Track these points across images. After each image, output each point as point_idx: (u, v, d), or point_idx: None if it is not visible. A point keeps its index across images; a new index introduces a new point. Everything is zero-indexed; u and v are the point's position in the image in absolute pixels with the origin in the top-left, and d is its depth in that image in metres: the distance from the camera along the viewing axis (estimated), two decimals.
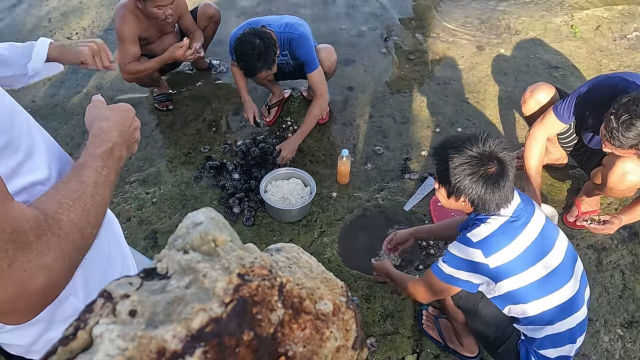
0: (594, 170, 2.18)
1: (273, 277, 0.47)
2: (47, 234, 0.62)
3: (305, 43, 2.54)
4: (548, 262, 1.49)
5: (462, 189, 1.46)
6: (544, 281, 1.49)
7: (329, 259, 2.28)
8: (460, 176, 1.45)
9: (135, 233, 2.41)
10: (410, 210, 2.49)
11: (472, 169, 1.44)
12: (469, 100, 3.12)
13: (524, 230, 1.48)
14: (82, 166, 0.75)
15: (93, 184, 0.72)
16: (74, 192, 0.69)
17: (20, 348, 0.87)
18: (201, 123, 3.00)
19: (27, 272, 0.59)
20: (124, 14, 2.58)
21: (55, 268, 0.62)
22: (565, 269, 1.52)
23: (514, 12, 3.87)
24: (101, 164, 0.76)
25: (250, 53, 2.35)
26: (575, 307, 1.54)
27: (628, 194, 2.09)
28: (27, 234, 0.59)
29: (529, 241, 1.47)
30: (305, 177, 2.50)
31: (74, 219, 0.66)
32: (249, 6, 3.98)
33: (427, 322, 2.02)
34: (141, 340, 0.38)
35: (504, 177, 1.44)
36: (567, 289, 1.51)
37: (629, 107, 1.70)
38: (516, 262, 1.46)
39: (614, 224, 2.03)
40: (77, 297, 0.86)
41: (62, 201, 0.67)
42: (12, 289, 0.58)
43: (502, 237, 1.46)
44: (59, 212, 0.65)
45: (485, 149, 1.45)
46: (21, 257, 0.59)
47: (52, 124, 2.99)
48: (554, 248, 1.51)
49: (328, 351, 0.51)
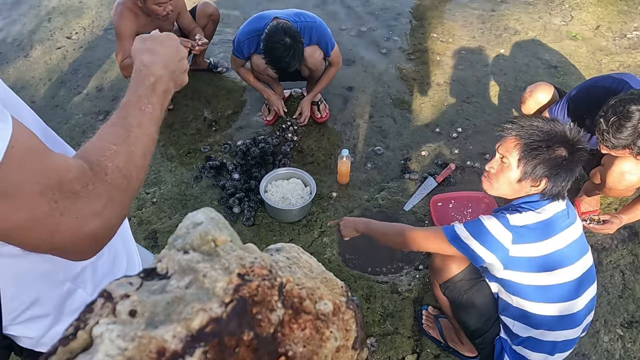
0: (593, 170, 2.19)
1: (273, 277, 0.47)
2: (94, 181, 0.63)
3: (324, 28, 2.61)
4: (567, 272, 1.46)
5: (548, 170, 1.41)
6: (555, 288, 1.46)
7: (329, 259, 2.28)
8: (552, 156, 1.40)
9: (135, 233, 2.40)
10: (410, 210, 2.49)
11: (563, 150, 1.41)
12: (469, 100, 3.12)
13: (559, 234, 1.44)
14: (125, 106, 0.74)
15: (137, 125, 0.72)
16: (118, 137, 0.70)
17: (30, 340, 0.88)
18: (201, 123, 3.00)
19: (79, 220, 0.62)
20: (122, 10, 2.58)
21: (106, 213, 0.64)
22: (579, 286, 1.49)
23: (514, 12, 3.87)
24: (145, 102, 0.76)
25: (285, 54, 2.35)
26: (571, 324, 1.51)
27: (627, 193, 2.09)
28: (73, 184, 0.61)
29: (560, 245, 1.44)
30: (305, 177, 2.50)
31: (118, 164, 0.67)
32: (249, 6, 3.98)
33: (427, 322, 2.02)
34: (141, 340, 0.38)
35: (579, 165, 1.43)
36: (573, 304, 1.49)
37: (616, 108, 1.70)
38: (537, 261, 1.43)
39: (614, 224, 2.03)
40: (86, 290, 0.87)
41: (105, 147, 0.67)
42: (68, 235, 0.62)
43: (537, 233, 1.42)
44: (103, 159, 0.66)
45: (570, 133, 1.42)
46: (71, 205, 0.61)
47: (52, 124, 2.99)
48: (578, 262, 1.48)
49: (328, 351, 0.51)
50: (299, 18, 2.53)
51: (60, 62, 3.48)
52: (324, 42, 2.61)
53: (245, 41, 2.58)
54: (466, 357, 1.91)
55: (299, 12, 2.58)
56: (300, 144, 2.85)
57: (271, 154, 2.71)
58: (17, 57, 3.54)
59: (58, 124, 2.99)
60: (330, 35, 2.64)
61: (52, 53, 3.57)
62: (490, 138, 2.83)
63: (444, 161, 2.72)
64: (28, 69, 3.43)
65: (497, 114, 3.01)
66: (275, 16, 2.51)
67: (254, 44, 2.59)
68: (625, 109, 1.68)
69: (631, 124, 1.67)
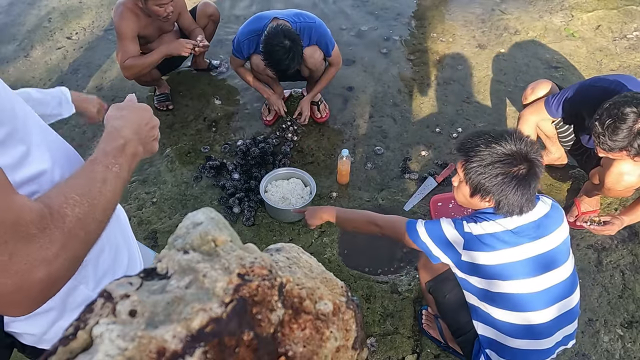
0: (592, 170, 2.19)
1: (273, 277, 0.47)
2: (51, 227, 0.62)
3: (324, 28, 2.61)
4: (525, 284, 1.45)
5: (491, 188, 1.40)
6: (511, 297, 1.46)
7: (329, 259, 2.28)
8: (491, 175, 1.38)
9: (135, 233, 2.39)
10: (410, 210, 2.49)
11: (503, 168, 1.38)
12: (469, 100, 3.12)
13: (517, 247, 1.43)
14: (92, 162, 0.75)
15: (102, 180, 0.73)
16: (82, 187, 0.70)
17: (32, 337, 0.88)
18: (201, 123, 3.00)
19: (28, 265, 0.59)
20: (123, 11, 2.58)
21: (57, 262, 0.62)
22: (543, 298, 1.48)
23: (514, 12, 3.87)
24: (112, 161, 0.77)
25: (284, 57, 2.36)
26: (536, 335, 1.50)
27: (626, 194, 2.09)
28: (29, 227, 0.59)
29: (513, 258, 1.43)
30: (305, 177, 2.50)
31: (79, 214, 0.66)
32: (249, 6, 3.98)
33: (427, 322, 2.02)
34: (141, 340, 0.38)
35: (534, 179, 1.39)
36: (535, 315, 1.48)
37: (611, 111, 1.71)
38: (487, 269, 1.44)
39: (614, 225, 2.04)
40: (87, 286, 0.88)
41: (68, 196, 0.67)
42: (12, 280, 0.58)
43: (490, 242, 1.43)
44: (64, 206, 0.65)
45: (517, 148, 1.39)
46: (22, 249, 0.59)
47: (52, 124, 2.99)
48: (540, 276, 1.46)
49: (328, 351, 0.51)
50: (298, 18, 2.53)
51: (60, 62, 3.48)
52: (323, 42, 2.61)
53: (245, 41, 2.58)
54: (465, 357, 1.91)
55: (298, 13, 2.58)
56: (300, 144, 2.85)
57: (271, 154, 2.71)
58: (17, 57, 3.54)
59: (58, 123, 2.99)
60: (330, 36, 2.64)
61: (52, 53, 3.57)
62: None
63: (444, 161, 2.72)
64: (28, 69, 3.43)
65: (497, 114, 3.01)
66: (275, 16, 2.51)
67: (253, 44, 2.59)
68: (619, 111, 1.69)
69: (626, 126, 1.68)
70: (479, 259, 1.44)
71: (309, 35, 2.55)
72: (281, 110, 2.84)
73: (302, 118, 2.84)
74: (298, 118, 2.86)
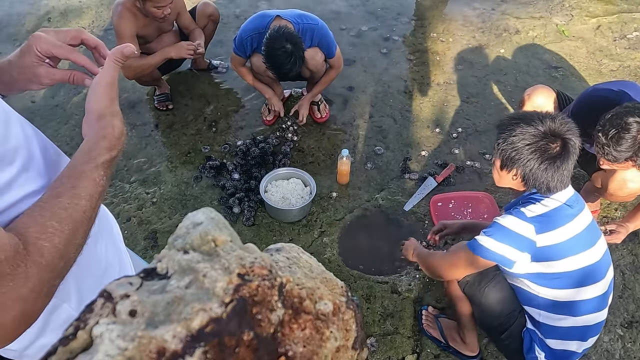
0: (595, 173, 2.19)
1: (273, 277, 0.47)
2: (26, 263, 0.57)
3: (326, 30, 2.61)
4: (590, 255, 1.48)
5: (517, 160, 1.43)
6: (583, 272, 1.47)
7: (329, 259, 2.28)
8: (519, 145, 1.42)
9: (135, 233, 2.41)
10: (410, 210, 2.49)
11: (533, 140, 1.41)
12: (469, 100, 3.12)
13: (574, 219, 1.46)
14: (79, 176, 0.65)
15: (87, 198, 0.64)
16: (64, 211, 0.62)
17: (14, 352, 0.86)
18: (201, 123, 3.00)
19: (1, 305, 0.55)
20: (121, 11, 2.58)
21: (32, 298, 0.58)
22: (601, 268, 1.51)
23: (514, 12, 3.87)
24: (101, 174, 0.67)
25: (286, 61, 2.36)
26: (600, 306, 1.53)
27: (628, 199, 2.10)
28: (2, 265, 0.54)
29: (578, 230, 1.46)
30: (305, 177, 2.50)
31: (58, 245, 0.60)
32: (249, 5, 3.98)
33: (427, 322, 2.01)
34: (141, 340, 0.38)
35: (565, 159, 1.41)
36: (599, 286, 1.51)
37: (614, 121, 1.72)
38: (567, 245, 1.44)
39: (620, 233, 2.05)
40: (70, 305, 0.83)
41: (46, 224, 0.60)
42: None
43: (556, 219, 1.44)
44: (42, 237, 0.59)
45: (553, 126, 1.42)
46: None
47: (52, 124, 2.99)
48: (596, 246, 1.50)
49: (328, 351, 0.51)
50: (301, 20, 2.53)
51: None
52: (325, 44, 2.61)
53: (247, 39, 2.58)
54: (467, 357, 1.91)
55: (301, 14, 2.57)
56: (300, 144, 2.85)
57: (271, 154, 2.71)
58: None
59: (58, 124, 3.00)
60: (332, 38, 2.64)
61: None
62: (490, 138, 2.83)
63: (444, 161, 2.72)
64: None
65: (497, 114, 3.01)
66: (278, 15, 2.51)
67: (255, 42, 2.58)
68: (623, 121, 1.70)
69: (630, 135, 1.68)
70: (555, 237, 1.43)
71: (310, 36, 2.55)
72: (282, 111, 2.84)
73: (300, 117, 2.85)
74: (296, 117, 2.86)
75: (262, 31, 2.50)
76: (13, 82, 0.77)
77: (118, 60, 0.75)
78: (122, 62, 0.75)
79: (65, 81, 0.80)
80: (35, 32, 0.77)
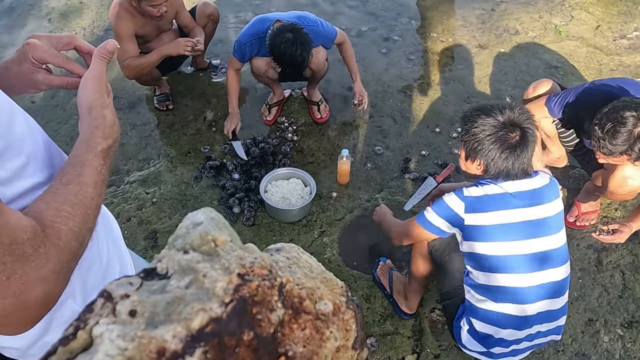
0: (596, 172, 2.19)
1: (273, 277, 0.47)
2: (46, 244, 0.60)
3: (324, 26, 2.61)
4: (520, 247, 1.50)
5: (479, 150, 1.50)
6: (506, 259, 1.50)
7: (329, 259, 2.28)
8: (480, 136, 1.50)
9: (135, 233, 2.41)
10: (410, 210, 2.49)
11: (493, 130, 1.48)
12: (469, 100, 3.12)
13: (514, 209, 1.49)
14: (82, 164, 0.69)
15: (93, 185, 0.68)
16: (74, 196, 0.65)
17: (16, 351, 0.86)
18: (201, 123, 3.00)
19: (25, 285, 0.58)
20: (119, 11, 2.58)
21: (53, 279, 0.61)
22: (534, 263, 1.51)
23: (514, 12, 3.87)
24: (101, 162, 0.71)
25: (294, 50, 2.32)
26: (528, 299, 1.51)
27: (628, 197, 2.09)
28: (25, 246, 0.57)
29: (514, 219, 1.49)
30: (305, 177, 2.50)
31: (73, 227, 0.63)
32: (249, 5, 3.98)
33: (381, 271, 2.15)
34: (141, 340, 0.38)
35: (524, 148, 1.48)
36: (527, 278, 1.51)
37: (610, 115, 1.73)
38: (493, 229, 1.49)
39: (623, 233, 2.04)
40: (75, 301, 0.85)
41: (60, 208, 0.63)
42: (10, 301, 0.57)
43: (490, 203, 1.50)
44: (57, 221, 0.62)
45: (512, 116, 1.49)
46: (19, 269, 0.57)
47: (52, 124, 2.99)
48: (535, 240, 1.51)
49: (328, 351, 0.51)
50: (300, 21, 2.52)
51: None
52: (327, 38, 2.62)
53: (247, 44, 2.57)
54: (403, 312, 2.03)
55: (300, 16, 2.57)
56: (300, 144, 2.85)
57: (271, 154, 2.71)
58: None
59: (58, 124, 3.00)
60: (330, 27, 2.63)
61: None
62: None
63: (444, 161, 2.72)
64: None
65: None
66: (278, 19, 2.51)
67: (255, 47, 2.58)
68: (619, 115, 1.70)
69: (626, 129, 1.69)
70: (480, 220, 1.50)
71: (313, 38, 2.55)
72: (229, 133, 2.73)
73: (363, 104, 2.71)
74: (359, 104, 2.71)
75: (262, 36, 2.50)
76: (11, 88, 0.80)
77: (103, 56, 0.78)
78: (107, 57, 0.78)
79: (63, 87, 0.85)
80: (29, 38, 0.79)
